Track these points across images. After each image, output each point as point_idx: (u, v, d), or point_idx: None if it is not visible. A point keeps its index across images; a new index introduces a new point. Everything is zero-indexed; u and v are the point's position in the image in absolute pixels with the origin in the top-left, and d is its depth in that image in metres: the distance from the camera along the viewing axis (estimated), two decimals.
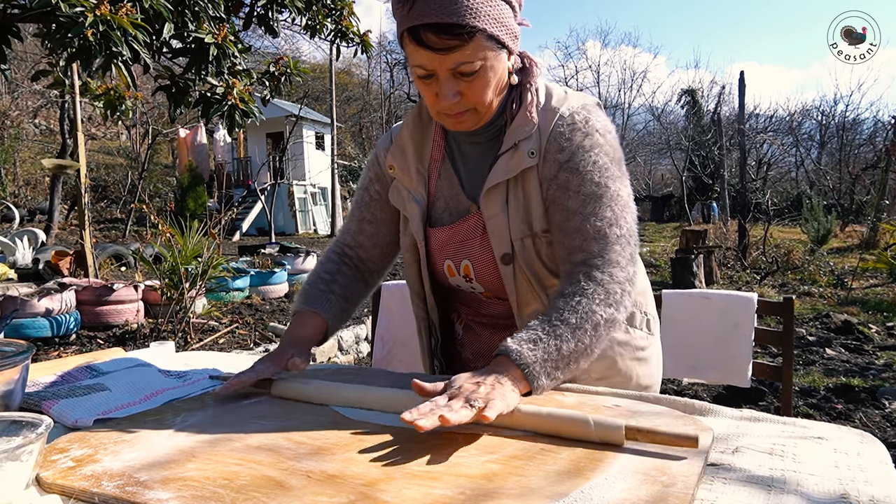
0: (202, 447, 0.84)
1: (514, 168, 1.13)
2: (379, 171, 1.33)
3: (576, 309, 1.02)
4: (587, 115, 1.14)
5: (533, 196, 1.14)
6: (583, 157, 1.11)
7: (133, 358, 1.26)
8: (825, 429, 0.94)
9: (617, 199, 1.11)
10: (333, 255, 1.37)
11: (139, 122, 19.40)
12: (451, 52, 1.00)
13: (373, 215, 1.35)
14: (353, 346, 5.17)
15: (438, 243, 1.24)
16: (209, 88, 4.58)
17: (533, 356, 0.97)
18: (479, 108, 1.10)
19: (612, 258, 1.08)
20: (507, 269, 1.16)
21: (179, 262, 4.95)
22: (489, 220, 1.15)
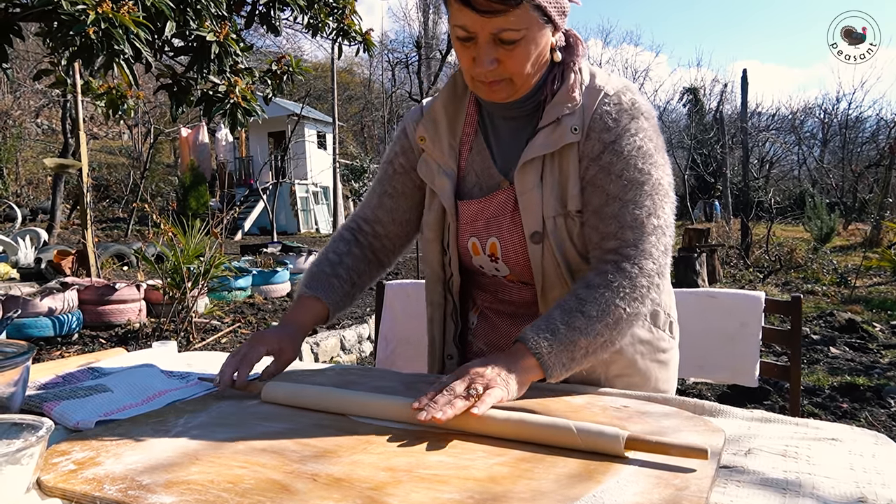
0: (205, 449, 0.82)
1: (556, 143, 1.10)
2: (406, 144, 1.29)
3: (598, 301, 1.01)
4: (633, 97, 1.12)
5: (571, 174, 1.11)
6: (629, 140, 1.09)
7: (135, 359, 1.24)
8: (839, 430, 0.92)
9: (658, 187, 1.09)
10: (347, 234, 1.33)
11: (141, 122, 19.39)
12: (496, 15, 0.97)
13: (395, 189, 1.31)
14: (357, 345, 5.16)
15: (466, 218, 1.20)
16: (211, 87, 4.57)
17: (549, 346, 0.97)
18: (516, 80, 1.07)
19: (645, 248, 1.06)
20: (536, 248, 1.13)
21: (181, 261, 4.94)
22: (522, 195, 1.12)
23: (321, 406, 1.00)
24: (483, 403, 0.87)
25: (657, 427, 0.90)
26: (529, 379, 0.97)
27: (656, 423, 0.92)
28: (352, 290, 1.28)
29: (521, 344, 0.99)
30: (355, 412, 0.97)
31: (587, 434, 0.81)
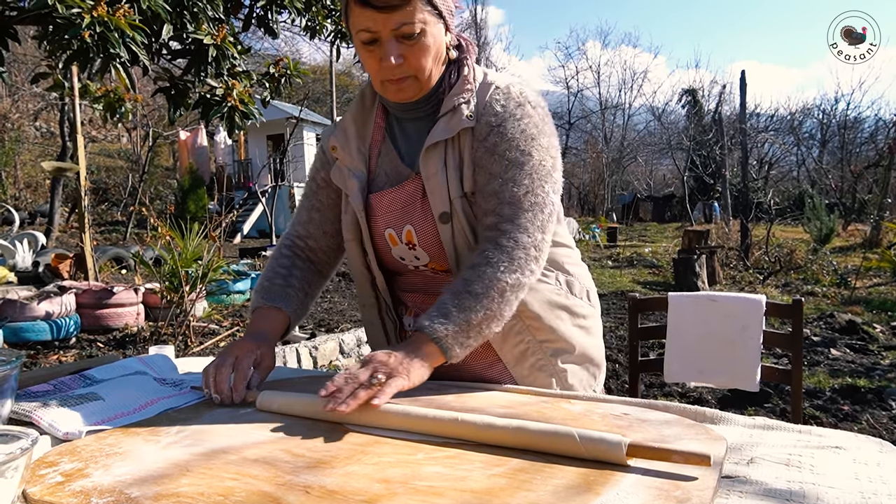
0: (197, 460, 0.81)
1: (453, 128, 1.18)
2: (324, 159, 1.37)
3: (481, 279, 1.09)
4: (521, 89, 1.22)
5: (466, 158, 1.19)
6: (513, 123, 1.17)
7: (128, 365, 1.22)
8: (842, 437, 0.91)
9: (539, 168, 1.17)
10: (286, 251, 1.39)
11: (140, 125, 19.38)
12: (394, 10, 1.07)
13: (321, 203, 1.38)
14: (355, 348, 5.14)
15: (380, 210, 1.26)
16: (209, 90, 4.56)
17: (444, 330, 1.05)
18: (419, 76, 1.15)
19: (520, 223, 1.13)
20: (445, 227, 1.20)
21: (179, 265, 4.92)
22: (428, 179, 1.19)
23: (316, 415, 0.98)
24: (384, 394, 0.94)
25: (658, 435, 0.88)
26: (432, 363, 1.05)
27: (656, 431, 0.90)
28: (305, 299, 1.34)
29: (419, 333, 1.06)
30: (350, 420, 0.95)
31: (589, 441, 0.80)
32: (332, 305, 7.09)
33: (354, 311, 6.61)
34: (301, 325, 5.84)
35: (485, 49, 32.94)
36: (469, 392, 1.13)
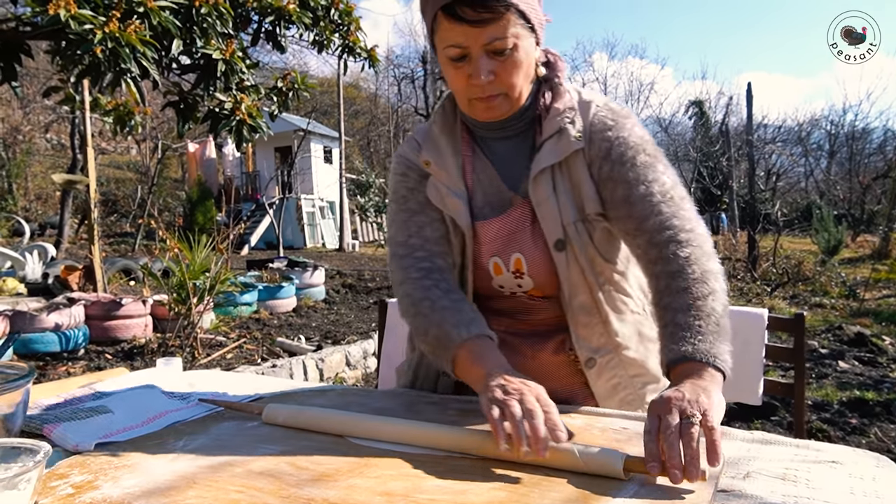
0: (203, 473, 0.83)
1: (563, 151, 1.14)
2: (421, 173, 1.24)
3: (697, 279, 1.02)
4: (618, 105, 1.20)
5: (582, 179, 1.15)
6: (630, 132, 1.15)
7: (137, 379, 1.25)
8: (840, 452, 0.92)
9: (668, 166, 1.16)
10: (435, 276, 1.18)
11: (149, 137, 19.54)
12: (486, 25, 1.02)
13: (431, 217, 1.23)
14: (361, 360, 5.15)
15: (486, 239, 1.20)
16: (217, 104, 4.61)
17: (709, 345, 0.95)
18: (510, 93, 1.10)
19: (686, 216, 1.10)
20: (560, 255, 1.15)
21: (187, 277, 4.96)
22: (539, 205, 1.14)
23: (322, 427, 1.00)
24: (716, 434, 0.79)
25: None
26: (718, 386, 0.91)
27: None
28: None
29: (684, 363, 0.95)
30: (356, 433, 0.97)
31: (588, 456, 0.81)
32: (338, 317, 7.11)
33: (361, 324, 6.63)
34: (307, 336, 5.87)
35: None
36: None
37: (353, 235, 20.44)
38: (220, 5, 3.89)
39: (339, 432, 0.97)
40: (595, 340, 1.20)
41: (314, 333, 6.11)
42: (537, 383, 1.05)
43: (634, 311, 1.24)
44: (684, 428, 0.80)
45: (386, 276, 10.56)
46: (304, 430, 1.00)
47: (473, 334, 1.06)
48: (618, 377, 1.21)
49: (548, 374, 1.20)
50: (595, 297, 1.18)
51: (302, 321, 6.80)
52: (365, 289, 9.50)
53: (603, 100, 1.20)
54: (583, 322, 1.19)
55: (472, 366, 1.03)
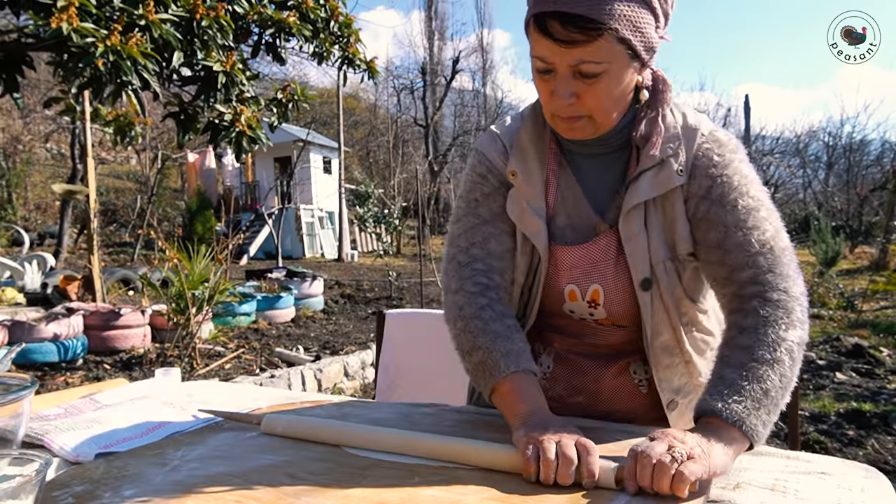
0: (202, 483, 0.84)
1: (662, 186, 1.06)
2: (501, 178, 1.16)
3: (764, 341, 0.94)
4: (726, 133, 1.11)
5: (678, 216, 1.08)
6: (735, 170, 1.06)
7: (136, 389, 1.26)
8: (829, 463, 0.93)
9: (772, 211, 1.07)
10: (491, 294, 1.12)
11: (149, 147, 19.60)
12: (575, 46, 0.93)
13: (511, 227, 1.17)
14: (359, 371, 5.16)
15: (565, 264, 1.13)
16: (217, 115, 4.64)
17: (743, 408, 0.89)
18: (596, 117, 1.02)
19: (783, 272, 1.01)
20: (645, 295, 1.09)
21: (186, 287, 4.97)
22: (628, 241, 1.08)
23: (320, 437, 1.01)
24: (681, 481, 0.77)
25: None
26: (736, 450, 0.86)
27: None
28: None
29: (711, 417, 0.90)
30: (354, 443, 0.98)
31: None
32: (336, 328, 7.12)
33: (360, 334, 6.63)
34: (306, 347, 5.87)
35: (491, 73, 33.25)
36: None
37: (351, 246, 20.46)
38: (220, 18, 3.93)
39: (336, 442, 0.99)
40: (676, 381, 1.16)
41: (312, 344, 6.12)
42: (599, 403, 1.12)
43: (714, 347, 1.18)
44: (661, 459, 0.78)
45: (385, 287, 10.57)
46: (301, 441, 1.01)
47: (521, 368, 1.03)
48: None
49: (609, 395, 1.20)
50: (678, 337, 1.13)
51: (300, 331, 6.81)
52: (363, 299, 9.51)
53: (709, 127, 1.10)
54: (665, 363, 1.14)
55: (514, 400, 1.00)
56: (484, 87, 32.92)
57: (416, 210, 19.43)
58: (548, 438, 0.86)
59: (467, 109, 32.36)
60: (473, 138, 29.50)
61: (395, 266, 12.31)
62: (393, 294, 9.81)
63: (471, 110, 32.44)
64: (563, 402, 1.22)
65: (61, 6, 2.99)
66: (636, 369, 1.20)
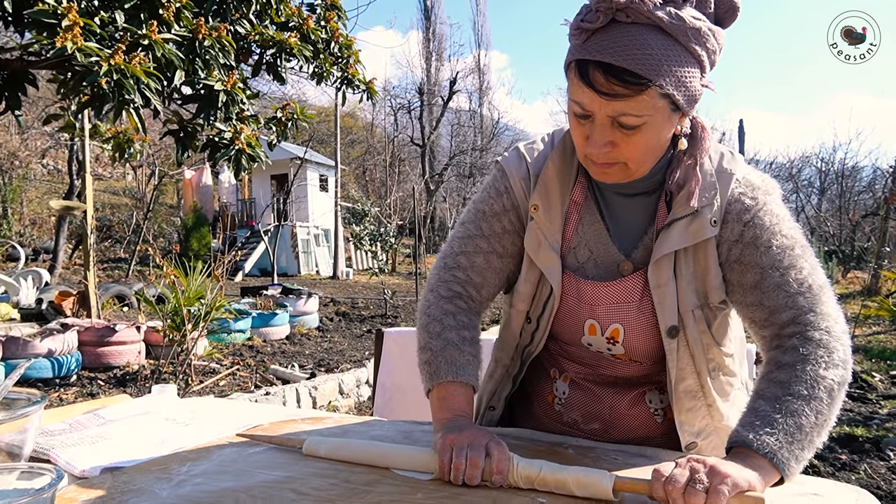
0: (206, 498, 0.85)
1: (694, 236, 1.04)
2: (514, 202, 1.18)
3: (803, 378, 0.93)
4: (759, 175, 1.11)
5: (710, 265, 1.07)
6: (767, 211, 1.05)
7: (139, 406, 1.27)
8: (821, 485, 0.95)
9: (807, 248, 1.06)
10: (460, 303, 1.19)
11: (146, 163, 19.64)
12: (616, 99, 0.92)
13: (505, 249, 1.19)
14: (354, 389, 5.15)
15: (586, 299, 1.12)
16: (217, 133, 4.67)
17: (776, 441, 0.87)
18: (631, 165, 1.01)
19: (823, 311, 1.00)
20: (671, 342, 1.08)
21: (182, 303, 4.97)
22: (656, 289, 1.06)
23: (363, 460, 1.00)
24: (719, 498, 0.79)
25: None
26: (764, 483, 0.85)
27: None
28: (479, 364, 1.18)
29: (742, 448, 0.89)
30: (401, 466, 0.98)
31: (577, 475, 0.86)
32: (331, 345, 7.11)
33: (355, 352, 6.63)
34: (301, 364, 5.86)
35: (487, 93, 33.51)
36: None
37: (347, 263, 20.46)
38: (222, 38, 3.98)
39: (380, 464, 0.99)
40: (698, 424, 1.16)
41: (307, 361, 6.11)
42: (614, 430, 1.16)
43: (738, 388, 1.20)
44: (689, 489, 0.80)
45: (380, 305, 10.57)
46: (304, 459, 1.03)
47: (458, 380, 1.08)
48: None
49: (625, 423, 1.20)
50: (702, 382, 1.13)
51: (295, 349, 6.79)
52: (359, 317, 9.50)
53: (744, 171, 1.09)
54: (687, 406, 1.14)
55: (442, 406, 1.07)
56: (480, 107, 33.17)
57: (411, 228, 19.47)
58: (460, 442, 0.94)
59: (464, 129, 32.56)
60: (469, 158, 29.69)
61: (390, 284, 12.32)
62: (388, 312, 9.80)
63: (467, 130, 32.64)
64: (578, 428, 1.24)
65: (66, 25, 3.03)
66: (652, 398, 1.20)
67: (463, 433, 0.96)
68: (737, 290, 1.07)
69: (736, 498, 0.80)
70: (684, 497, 0.80)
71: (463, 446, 0.93)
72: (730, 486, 0.80)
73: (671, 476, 0.82)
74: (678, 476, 0.82)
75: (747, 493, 0.81)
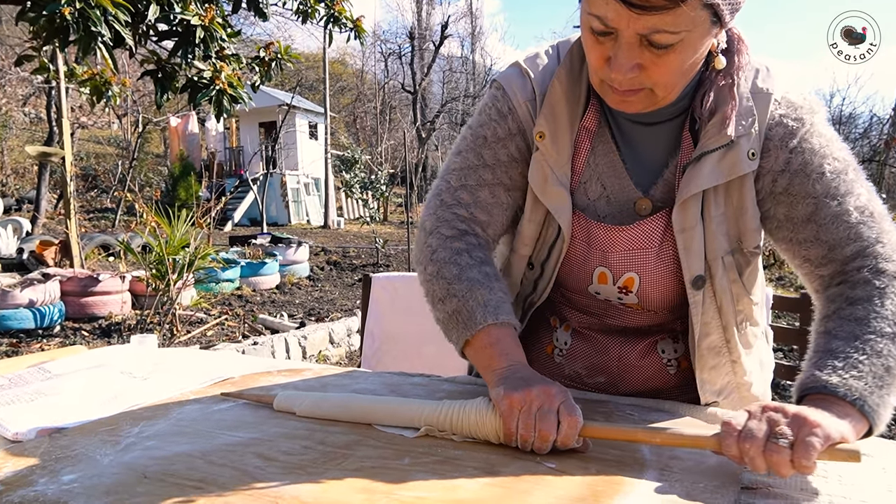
0: (157, 465, 0.72)
1: (728, 172, 0.90)
2: (521, 125, 1.00)
3: (883, 314, 0.81)
4: (800, 92, 0.95)
5: (747, 205, 0.92)
6: (814, 133, 0.91)
7: (92, 358, 1.14)
8: (870, 444, 0.83)
9: (860, 172, 0.92)
10: (470, 239, 1.00)
11: (130, 111, 19.17)
12: (650, 13, 0.74)
13: (512, 181, 1.02)
14: (345, 338, 5.06)
15: (597, 244, 0.97)
16: (197, 73, 4.46)
17: (865, 386, 0.75)
18: (658, 91, 0.84)
19: (892, 240, 0.88)
20: (696, 294, 0.94)
21: (166, 252, 4.82)
22: (682, 233, 0.92)
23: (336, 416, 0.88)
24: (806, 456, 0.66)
25: None
26: (856, 433, 0.72)
27: None
28: None
29: (821, 395, 0.76)
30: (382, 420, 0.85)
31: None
32: (322, 295, 7.00)
33: (346, 301, 6.53)
34: (290, 314, 5.76)
35: (480, 39, 32.76)
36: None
37: (338, 212, 20.27)
38: None
39: (364, 421, 0.86)
40: (720, 381, 1.03)
41: (297, 311, 6.00)
42: (622, 384, 1.02)
43: (759, 337, 1.07)
44: (770, 445, 0.67)
45: (371, 254, 10.45)
46: (274, 417, 0.90)
47: (500, 321, 0.90)
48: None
49: (634, 376, 1.07)
50: (728, 337, 1.00)
51: (285, 298, 6.69)
52: (350, 266, 9.39)
53: (783, 89, 0.93)
54: (710, 364, 1.01)
55: (492, 355, 0.88)
56: (473, 53, 32.47)
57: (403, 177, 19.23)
58: (529, 402, 0.77)
59: (456, 76, 31.93)
60: (462, 105, 29.20)
61: (381, 233, 12.16)
62: (380, 261, 9.69)
63: (459, 77, 32.01)
64: (581, 382, 1.10)
65: None
66: (665, 348, 1.07)
67: (531, 390, 0.78)
68: (785, 226, 0.93)
69: (826, 452, 0.67)
70: (764, 455, 0.67)
71: (531, 411, 0.76)
72: (821, 437, 0.67)
73: (746, 430, 0.69)
74: (754, 430, 0.68)
75: (839, 445, 0.68)
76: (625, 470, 0.72)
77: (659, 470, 0.72)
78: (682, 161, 0.94)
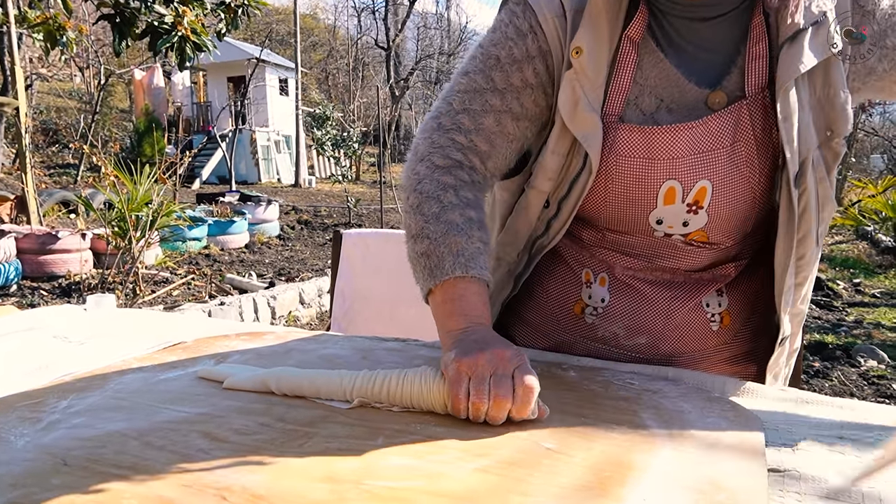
0: (81, 448, 0.61)
1: (823, 49, 0.81)
2: (545, 45, 0.88)
3: None
4: None
5: (839, 84, 0.83)
6: None
7: (24, 320, 1.01)
8: (891, 413, 0.75)
9: None
10: (461, 174, 0.89)
11: (92, 64, 18.41)
12: None
13: (523, 109, 0.90)
14: (316, 298, 4.94)
15: (662, 153, 0.84)
16: (157, 18, 4.22)
17: None
18: None
19: None
20: (795, 194, 0.84)
21: (128, 209, 4.62)
22: (785, 122, 0.81)
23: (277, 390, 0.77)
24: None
25: (675, 408, 0.71)
26: None
27: (672, 405, 0.73)
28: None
29: None
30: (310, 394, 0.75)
31: None
32: (292, 254, 6.84)
33: (317, 260, 6.39)
34: (260, 273, 5.61)
35: None
36: None
37: (309, 171, 19.90)
38: None
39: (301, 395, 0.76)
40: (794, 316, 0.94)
41: (267, 270, 5.85)
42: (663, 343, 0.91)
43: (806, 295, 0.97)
44: None
45: (343, 213, 10.27)
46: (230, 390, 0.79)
47: (470, 274, 0.81)
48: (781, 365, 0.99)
49: (677, 336, 0.95)
50: (813, 255, 0.89)
51: (254, 257, 6.52)
52: (321, 225, 9.21)
53: None
54: (794, 296, 0.91)
55: (450, 311, 0.80)
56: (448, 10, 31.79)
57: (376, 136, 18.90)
58: (481, 366, 0.69)
59: (430, 33, 31.28)
60: (436, 63, 28.69)
61: (354, 192, 11.95)
62: (352, 220, 9.52)
63: (434, 34, 31.37)
64: (617, 344, 0.97)
65: None
66: (709, 301, 0.95)
67: (483, 353, 0.70)
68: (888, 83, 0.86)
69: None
70: None
71: (484, 376, 0.68)
72: None
73: None
74: None
75: None
76: (633, 449, 0.62)
77: (672, 448, 0.62)
78: (754, 48, 0.83)
